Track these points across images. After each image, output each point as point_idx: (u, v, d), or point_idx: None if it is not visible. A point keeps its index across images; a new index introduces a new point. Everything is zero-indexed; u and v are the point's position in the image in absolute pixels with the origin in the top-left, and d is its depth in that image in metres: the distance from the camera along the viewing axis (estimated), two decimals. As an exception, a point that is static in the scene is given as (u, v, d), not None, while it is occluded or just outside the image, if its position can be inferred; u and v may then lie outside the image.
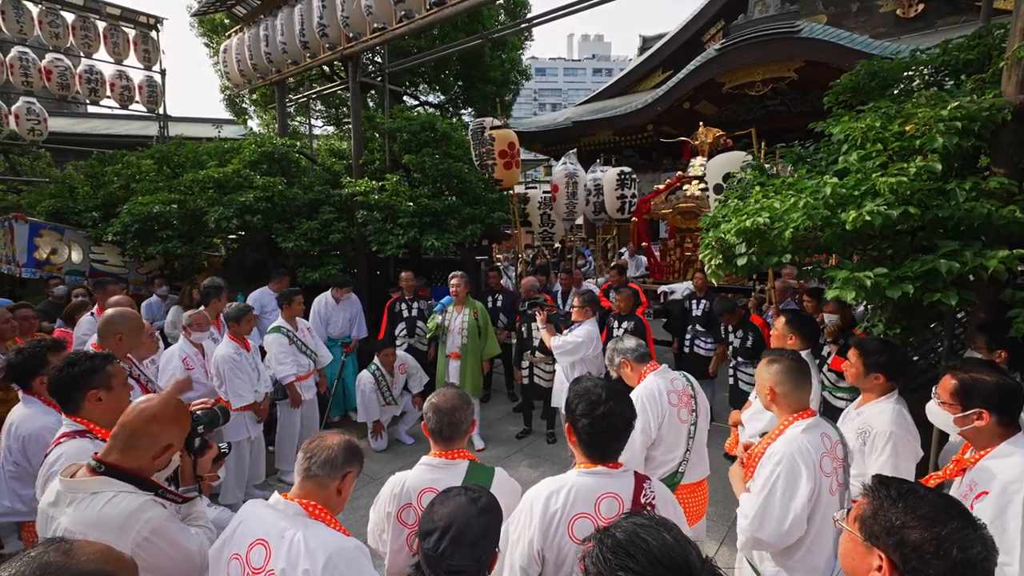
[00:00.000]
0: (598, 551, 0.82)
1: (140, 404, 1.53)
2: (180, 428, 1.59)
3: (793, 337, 3.03)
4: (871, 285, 2.13)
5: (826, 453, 1.76)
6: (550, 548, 1.43)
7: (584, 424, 1.50)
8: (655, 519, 0.88)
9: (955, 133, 2.16)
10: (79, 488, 1.41)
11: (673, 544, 0.80)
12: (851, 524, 1.07)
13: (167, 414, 1.53)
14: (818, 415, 1.87)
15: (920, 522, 0.95)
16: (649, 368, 2.47)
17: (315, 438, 1.49)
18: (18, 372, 2.33)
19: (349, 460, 1.46)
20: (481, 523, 1.16)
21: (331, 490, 1.43)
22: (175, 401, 1.61)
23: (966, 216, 2.10)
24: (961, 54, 2.86)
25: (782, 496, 1.71)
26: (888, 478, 1.07)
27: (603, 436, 1.50)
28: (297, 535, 1.32)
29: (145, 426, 1.49)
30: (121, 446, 1.48)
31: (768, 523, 1.73)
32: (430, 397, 1.80)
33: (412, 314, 5.49)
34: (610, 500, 1.45)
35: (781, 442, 1.78)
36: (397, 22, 5.55)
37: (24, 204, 7.50)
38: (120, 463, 1.46)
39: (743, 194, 3.06)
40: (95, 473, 1.44)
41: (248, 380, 3.76)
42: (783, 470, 1.72)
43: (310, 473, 1.42)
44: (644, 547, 0.80)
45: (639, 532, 0.82)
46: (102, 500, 1.40)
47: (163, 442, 1.52)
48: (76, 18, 8.76)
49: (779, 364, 1.91)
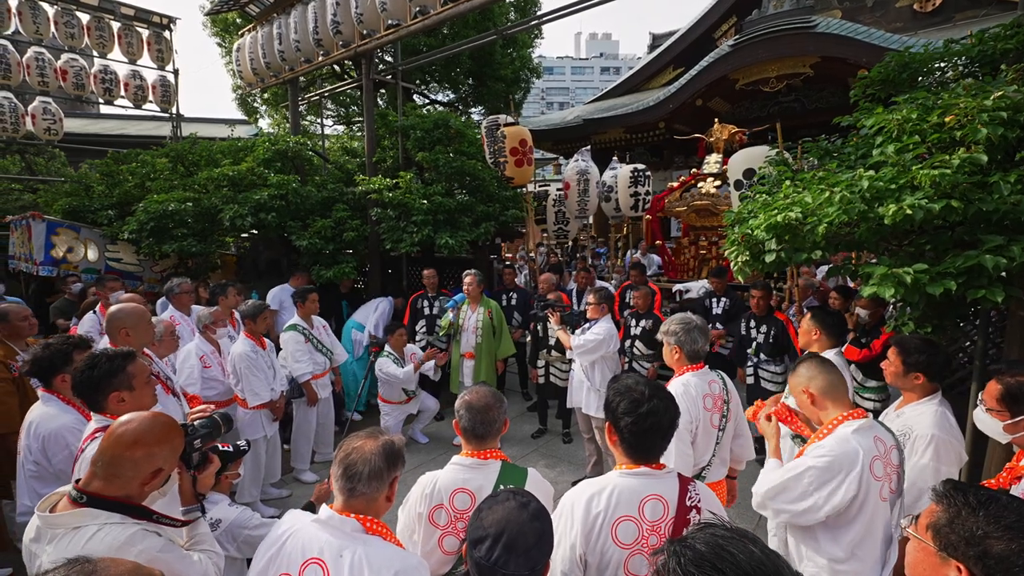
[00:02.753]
0: (676, 564, 0.76)
1: (119, 427, 1.34)
2: (170, 449, 1.41)
3: (818, 333, 2.94)
4: (911, 281, 2.05)
5: (878, 457, 1.68)
6: (592, 552, 1.38)
7: (627, 423, 1.45)
8: (736, 530, 0.82)
9: (1000, 124, 2.07)
10: (59, 523, 1.26)
11: (762, 558, 0.75)
12: (922, 533, 1.01)
13: (152, 436, 1.35)
14: (871, 417, 1.78)
15: (1006, 532, 0.89)
16: (693, 367, 2.40)
17: (349, 447, 1.35)
18: (43, 367, 2.33)
19: (393, 464, 1.37)
20: (534, 529, 1.11)
21: (381, 500, 1.36)
22: (162, 420, 1.42)
23: (1011, 210, 2.02)
24: (999, 44, 2.77)
25: (808, 484, 1.68)
26: (963, 484, 1.01)
27: (647, 435, 1.45)
28: (358, 553, 1.25)
29: (126, 452, 1.31)
30: (102, 474, 1.31)
31: (781, 499, 1.74)
32: (462, 394, 1.76)
33: (433, 311, 5.48)
34: (654, 502, 1.40)
35: (830, 440, 1.71)
36: (412, 18, 5.53)
37: (41, 203, 7.58)
38: (103, 492, 1.31)
39: (770, 189, 2.99)
40: (77, 504, 1.28)
41: (264, 378, 3.75)
42: (823, 464, 1.66)
43: (356, 492, 1.31)
44: (732, 560, 0.74)
45: (724, 545, 0.76)
46: (85, 535, 1.25)
47: (150, 467, 1.34)
48: (91, 18, 8.84)
49: (803, 365, 1.87)
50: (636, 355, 4.77)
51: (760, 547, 0.77)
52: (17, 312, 3.26)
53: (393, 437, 1.41)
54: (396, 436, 1.42)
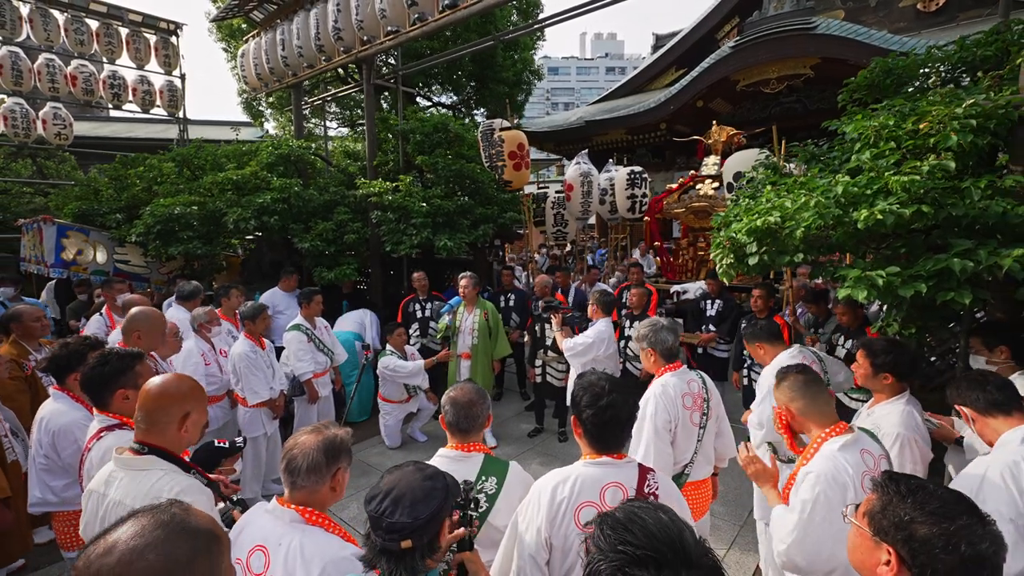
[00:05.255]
0: (599, 531, 0.86)
1: (148, 387, 1.63)
2: (193, 397, 1.67)
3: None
4: (883, 284, 2.12)
5: (868, 472, 1.65)
6: (557, 535, 1.47)
7: (589, 415, 1.55)
8: (653, 503, 0.93)
9: (970, 131, 2.14)
10: (132, 465, 1.53)
11: (668, 522, 0.84)
12: (860, 519, 1.09)
13: (174, 387, 1.63)
14: (857, 430, 1.77)
15: (929, 518, 0.97)
16: (671, 366, 2.47)
17: (293, 442, 1.44)
18: (60, 365, 2.44)
19: (334, 458, 1.43)
20: (424, 487, 1.18)
21: (324, 492, 1.43)
22: (179, 375, 1.71)
23: (981, 215, 2.08)
24: (979, 50, 2.82)
25: (822, 521, 1.60)
26: (898, 474, 1.09)
27: (607, 426, 1.54)
28: (294, 543, 1.34)
29: (157, 403, 1.59)
30: (144, 426, 1.59)
31: (805, 549, 1.63)
32: (448, 391, 1.85)
33: (426, 314, 5.56)
34: (615, 489, 1.50)
35: (817, 460, 1.69)
36: (410, 25, 5.62)
37: (52, 206, 7.75)
38: (154, 443, 1.58)
39: (754, 193, 3.05)
40: (139, 454, 1.56)
41: (263, 377, 3.86)
42: (822, 492, 1.62)
43: (297, 485, 1.41)
44: (640, 523, 0.84)
45: (637, 512, 0.87)
46: (154, 477, 1.52)
47: (180, 412, 1.61)
48: (100, 25, 9.02)
49: (786, 380, 1.88)
50: (629, 356, 4.85)
51: (670, 515, 0.87)
52: (30, 313, 3.39)
53: (338, 431, 1.48)
54: (341, 430, 1.50)
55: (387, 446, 4.90)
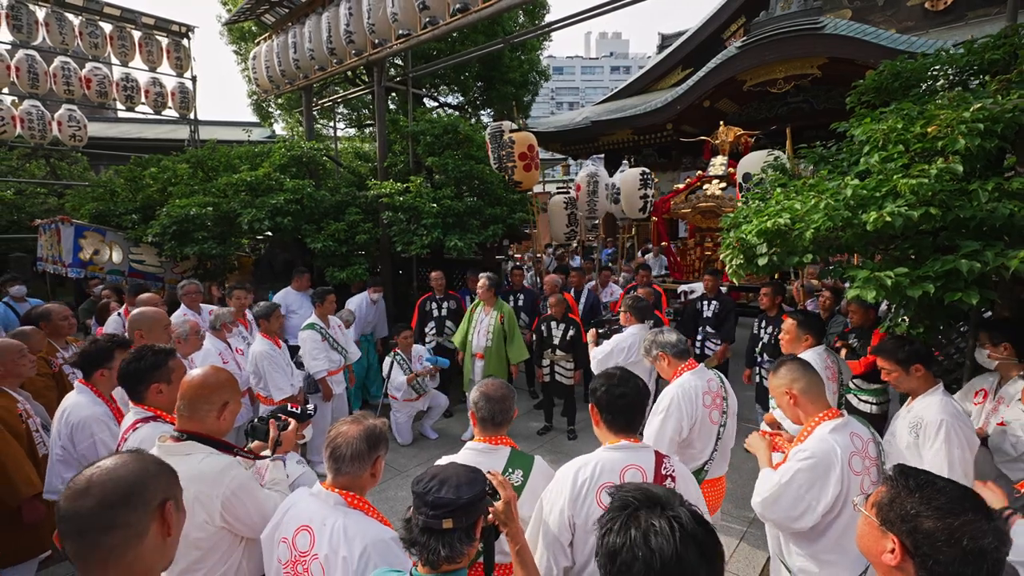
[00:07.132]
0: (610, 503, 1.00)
1: (189, 379, 1.77)
2: (231, 387, 1.79)
3: (807, 336, 3.12)
4: (892, 284, 2.17)
5: (856, 452, 1.81)
6: (579, 515, 1.56)
7: (606, 400, 1.66)
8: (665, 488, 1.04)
9: (977, 135, 2.18)
10: (175, 451, 1.63)
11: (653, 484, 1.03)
12: (868, 509, 1.15)
13: (214, 379, 1.76)
14: (846, 415, 1.91)
15: (935, 512, 1.02)
16: (687, 366, 2.53)
17: (336, 432, 1.53)
18: (89, 361, 2.52)
19: (375, 446, 1.53)
20: (467, 475, 1.26)
21: (365, 477, 1.53)
22: (212, 368, 1.83)
23: (988, 216, 2.12)
24: (987, 54, 2.85)
25: (799, 488, 1.79)
26: (910, 468, 1.14)
27: (625, 409, 1.65)
28: (337, 523, 1.43)
29: (198, 392, 1.71)
30: (187, 415, 1.71)
31: (778, 508, 1.84)
32: (477, 387, 1.92)
33: (442, 313, 5.63)
34: (634, 471, 1.59)
35: (810, 441, 1.84)
36: (422, 28, 5.69)
37: (68, 207, 7.88)
38: (191, 429, 1.69)
39: (763, 195, 3.10)
40: (179, 440, 1.66)
41: (285, 374, 3.96)
42: (808, 466, 1.79)
43: (341, 471, 1.49)
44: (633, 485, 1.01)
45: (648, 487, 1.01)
46: (196, 460, 1.62)
47: (220, 400, 1.74)
48: (113, 28, 9.17)
49: (784, 367, 1.99)
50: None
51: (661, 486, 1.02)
52: (59, 312, 3.50)
53: (376, 421, 1.58)
54: (379, 420, 1.59)
55: (399, 443, 4.98)
